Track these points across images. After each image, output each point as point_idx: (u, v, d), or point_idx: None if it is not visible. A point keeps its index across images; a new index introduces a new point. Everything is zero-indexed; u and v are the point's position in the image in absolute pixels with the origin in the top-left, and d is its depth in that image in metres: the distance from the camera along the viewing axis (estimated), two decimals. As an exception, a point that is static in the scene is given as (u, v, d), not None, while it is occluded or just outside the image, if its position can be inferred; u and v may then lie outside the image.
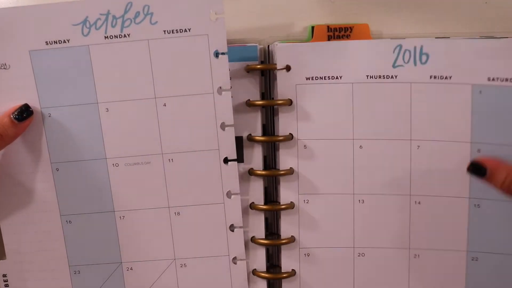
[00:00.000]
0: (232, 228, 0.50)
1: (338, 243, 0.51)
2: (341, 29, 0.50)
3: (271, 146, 0.52)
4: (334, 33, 0.50)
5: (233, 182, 0.49)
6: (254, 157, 0.51)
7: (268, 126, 0.51)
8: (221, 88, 0.47)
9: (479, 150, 0.45)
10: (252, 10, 0.52)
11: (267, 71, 0.50)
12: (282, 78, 0.48)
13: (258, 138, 0.50)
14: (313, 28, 0.50)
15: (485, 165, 0.43)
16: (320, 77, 0.47)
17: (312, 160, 0.50)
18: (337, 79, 0.47)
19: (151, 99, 0.47)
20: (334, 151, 0.49)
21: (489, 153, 0.45)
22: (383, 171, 0.49)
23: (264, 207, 0.50)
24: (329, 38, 0.50)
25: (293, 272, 0.51)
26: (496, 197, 0.46)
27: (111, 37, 0.46)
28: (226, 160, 0.48)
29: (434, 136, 0.47)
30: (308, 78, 0.48)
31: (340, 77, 0.47)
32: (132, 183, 0.48)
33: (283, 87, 0.49)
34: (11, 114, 0.45)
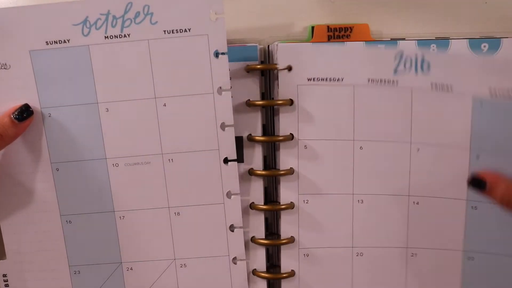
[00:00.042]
0: (232, 228, 0.50)
1: (337, 243, 0.51)
2: (341, 29, 0.50)
3: (271, 146, 0.52)
4: (334, 33, 0.50)
5: (233, 182, 0.49)
6: (254, 157, 0.51)
7: (268, 126, 0.52)
8: (221, 88, 0.47)
9: (478, 157, 0.46)
10: (252, 10, 0.52)
11: (267, 71, 0.50)
12: (284, 78, 0.49)
13: (258, 138, 0.50)
14: (313, 28, 0.50)
15: (485, 179, 0.42)
16: (322, 79, 0.48)
17: (313, 160, 0.50)
18: (339, 81, 0.47)
19: (151, 99, 0.47)
20: (335, 152, 0.49)
21: (488, 160, 0.45)
22: (383, 172, 0.50)
23: (264, 207, 0.51)
24: (329, 38, 0.50)
25: (293, 273, 0.52)
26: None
27: (111, 37, 0.46)
28: (226, 160, 0.48)
29: (434, 140, 0.47)
30: (310, 79, 0.48)
31: (342, 79, 0.47)
32: (132, 183, 0.48)
33: (284, 87, 0.49)
34: (11, 114, 0.45)
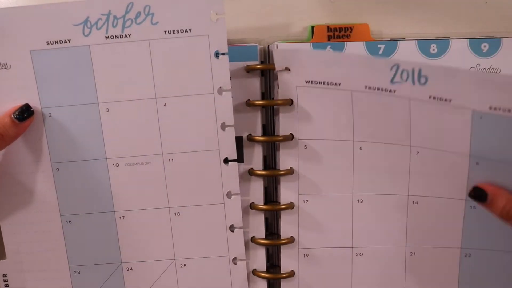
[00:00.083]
0: (232, 229, 0.50)
1: (337, 243, 0.52)
2: (341, 29, 0.51)
3: (271, 146, 0.52)
4: (334, 33, 0.51)
5: (233, 183, 0.49)
6: (254, 157, 0.51)
7: (268, 126, 0.52)
8: (222, 89, 0.47)
9: (478, 163, 0.46)
10: (252, 10, 0.52)
11: (267, 71, 0.51)
12: (283, 79, 0.49)
13: (258, 138, 0.50)
14: (313, 28, 0.51)
15: (486, 191, 0.43)
16: (319, 82, 0.48)
17: (313, 160, 0.50)
18: (336, 86, 0.47)
19: (152, 99, 0.47)
20: (335, 152, 0.50)
21: (488, 167, 0.45)
22: (382, 172, 0.50)
23: (264, 207, 0.51)
24: (329, 38, 0.51)
25: (292, 273, 0.52)
26: None
27: (112, 37, 0.46)
28: (227, 161, 0.49)
29: (434, 146, 0.47)
30: (308, 82, 0.48)
31: (339, 84, 0.47)
32: (133, 183, 0.49)
33: (284, 88, 0.49)
34: (12, 114, 0.45)
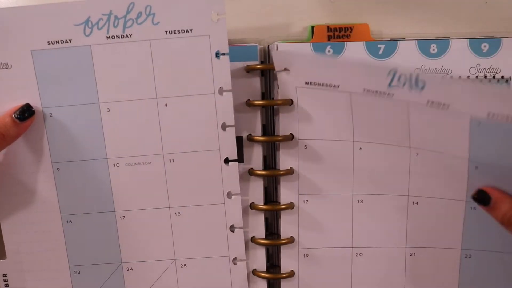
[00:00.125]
0: (233, 229, 0.51)
1: (337, 243, 0.52)
2: (341, 29, 0.51)
3: (271, 146, 0.53)
4: (334, 33, 0.51)
5: (234, 183, 0.50)
6: (254, 157, 0.52)
7: (268, 126, 0.52)
8: (222, 89, 0.48)
9: (477, 167, 0.46)
10: (252, 10, 0.52)
11: (267, 71, 0.51)
12: (282, 80, 0.49)
13: (258, 138, 0.50)
14: (313, 28, 0.51)
15: (490, 195, 0.43)
16: (318, 83, 0.48)
17: (313, 161, 0.51)
18: (335, 87, 0.47)
19: (153, 99, 0.48)
20: (335, 152, 0.50)
21: (486, 171, 0.45)
22: (382, 172, 0.50)
23: (264, 207, 0.51)
24: (329, 38, 0.51)
25: (292, 273, 0.52)
26: None
27: (113, 37, 0.46)
28: (227, 161, 0.49)
29: (433, 148, 0.48)
30: (307, 83, 0.48)
31: (338, 86, 0.47)
32: (133, 183, 0.49)
33: (284, 88, 0.49)
34: (13, 114, 0.46)
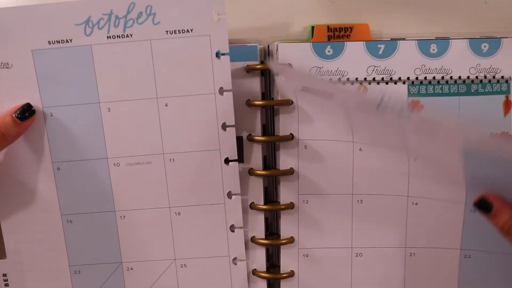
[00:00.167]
0: (233, 229, 0.51)
1: (337, 244, 0.52)
2: (341, 29, 0.51)
3: (271, 146, 0.53)
4: (334, 33, 0.51)
5: (234, 183, 0.50)
6: (254, 157, 0.52)
7: (268, 126, 0.53)
8: (223, 89, 0.48)
9: (474, 177, 0.47)
10: (252, 10, 0.53)
11: (267, 71, 0.51)
12: (280, 84, 0.50)
13: (258, 138, 0.51)
14: (313, 28, 0.51)
15: (492, 203, 0.43)
16: (315, 90, 0.47)
17: (313, 161, 0.51)
18: (330, 96, 0.46)
19: (153, 99, 0.48)
20: (335, 152, 0.51)
21: (483, 182, 0.45)
22: (382, 174, 0.51)
23: (264, 207, 0.52)
24: (329, 38, 0.51)
25: (292, 273, 0.53)
26: None
27: (114, 37, 0.47)
28: (227, 161, 0.49)
29: (430, 156, 0.48)
30: (304, 88, 0.48)
31: (332, 95, 0.47)
32: (133, 183, 0.49)
33: (282, 91, 0.50)
34: (13, 114, 0.46)
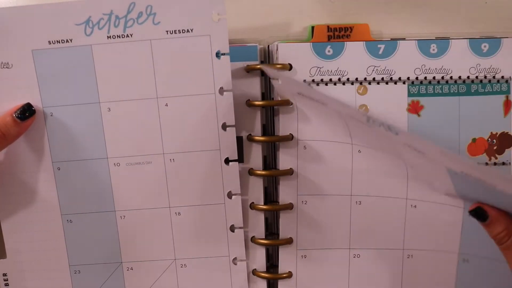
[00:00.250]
0: (233, 229, 0.51)
1: (335, 244, 0.53)
2: (341, 29, 0.52)
3: (271, 146, 0.53)
4: (334, 33, 0.52)
5: (234, 183, 0.50)
6: (254, 157, 0.52)
7: (268, 126, 0.53)
8: (223, 89, 0.48)
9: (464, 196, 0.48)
10: (252, 10, 0.53)
11: (267, 71, 0.52)
12: (277, 87, 0.50)
13: (258, 138, 0.51)
14: (313, 28, 0.52)
15: (488, 213, 0.44)
16: (309, 97, 0.48)
17: (312, 161, 0.51)
18: (325, 104, 0.47)
19: (153, 99, 0.48)
20: (334, 153, 0.51)
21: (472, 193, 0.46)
22: (381, 176, 0.51)
23: (264, 207, 0.52)
24: (329, 38, 0.52)
25: (290, 274, 0.53)
26: None
27: (114, 37, 0.47)
28: (227, 161, 0.50)
29: (427, 164, 0.48)
30: (300, 93, 0.48)
31: (327, 104, 0.47)
32: (133, 183, 0.50)
33: (280, 94, 0.51)
34: (14, 113, 0.47)
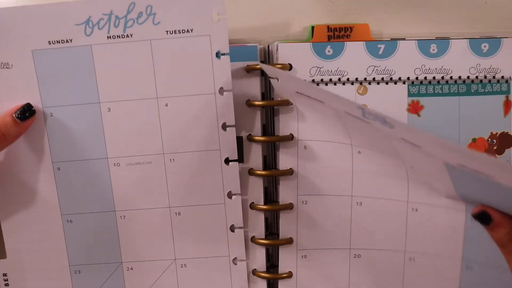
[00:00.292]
0: (233, 229, 0.52)
1: (335, 245, 0.53)
2: (341, 29, 0.52)
3: (271, 146, 0.53)
4: (334, 33, 0.52)
5: (234, 183, 0.51)
6: (254, 157, 0.52)
7: (268, 126, 0.53)
8: (223, 89, 0.48)
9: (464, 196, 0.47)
10: (252, 10, 0.53)
11: (267, 71, 0.52)
12: (276, 86, 0.50)
13: (258, 138, 0.51)
14: (313, 28, 0.52)
15: (492, 217, 0.43)
16: (307, 96, 0.48)
17: (312, 161, 0.51)
18: (321, 102, 0.47)
19: (153, 99, 0.48)
20: (334, 153, 0.51)
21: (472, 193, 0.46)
22: (381, 177, 0.51)
23: (264, 207, 0.52)
24: (329, 38, 0.52)
25: (290, 274, 0.53)
26: None
27: (114, 37, 0.47)
28: (227, 161, 0.50)
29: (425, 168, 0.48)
30: (298, 92, 0.48)
31: (323, 102, 0.47)
32: (133, 183, 0.50)
33: (278, 93, 0.51)
34: (14, 114, 0.47)
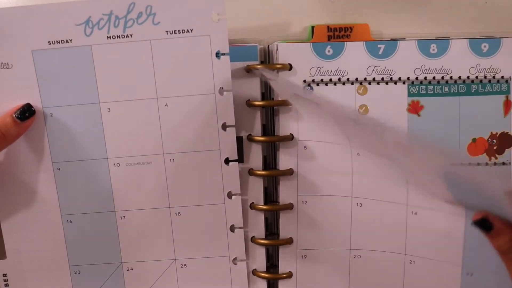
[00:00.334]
0: (233, 229, 0.52)
1: (335, 245, 0.53)
2: (341, 29, 0.52)
3: (271, 146, 0.53)
4: (334, 33, 0.52)
5: (234, 183, 0.51)
6: (254, 157, 0.52)
7: (268, 126, 0.53)
8: (223, 89, 0.49)
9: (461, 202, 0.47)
10: (252, 10, 0.54)
11: (267, 71, 0.52)
12: (275, 87, 0.51)
13: (258, 138, 0.51)
14: (313, 28, 0.52)
15: (493, 225, 0.44)
16: (304, 98, 0.49)
17: (312, 161, 0.52)
18: (318, 105, 0.48)
19: (153, 99, 0.49)
20: (334, 154, 0.51)
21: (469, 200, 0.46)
22: (381, 179, 0.51)
23: (264, 207, 0.52)
24: (329, 38, 0.52)
25: (290, 274, 0.53)
26: None
27: (114, 37, 0.47)
28: (227, 161, 0.50)
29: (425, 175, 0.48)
30: (296, 94, 0.49)
31: (318, 104, 0.48)
32: (133, 183, 0.50)
33: (277, 94, 0.51)
34: (13, 114, 0.47)
